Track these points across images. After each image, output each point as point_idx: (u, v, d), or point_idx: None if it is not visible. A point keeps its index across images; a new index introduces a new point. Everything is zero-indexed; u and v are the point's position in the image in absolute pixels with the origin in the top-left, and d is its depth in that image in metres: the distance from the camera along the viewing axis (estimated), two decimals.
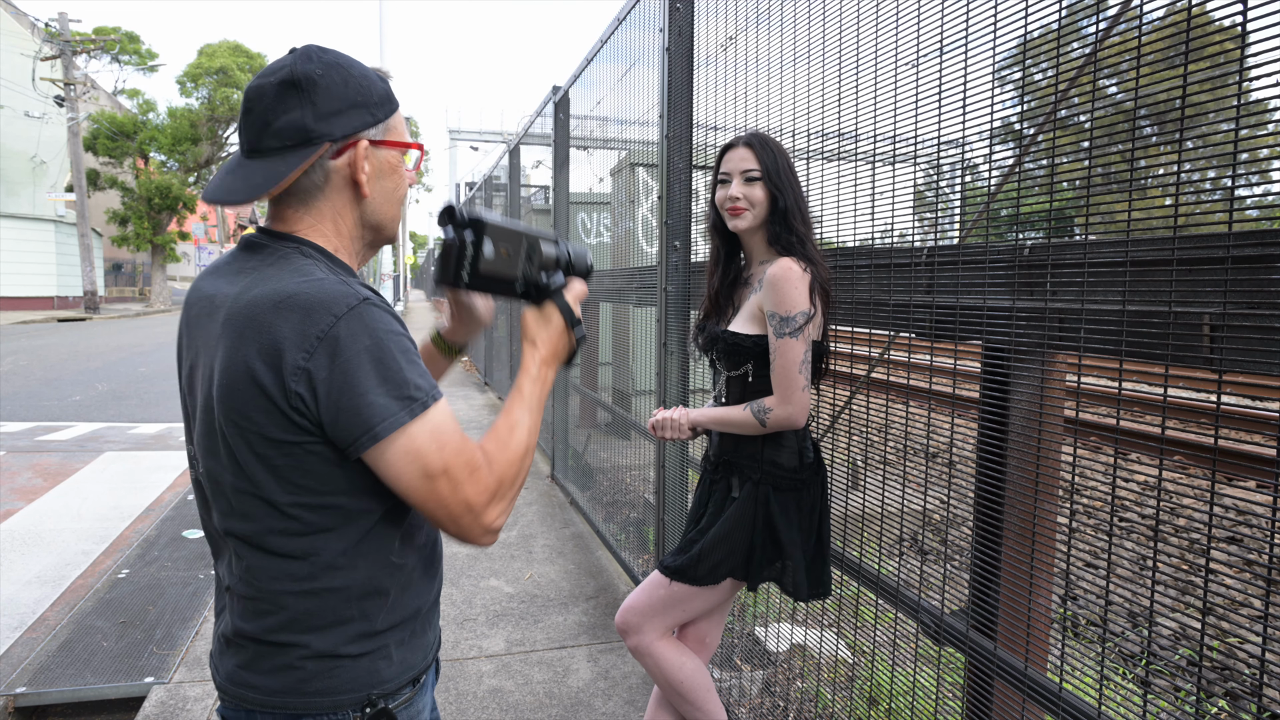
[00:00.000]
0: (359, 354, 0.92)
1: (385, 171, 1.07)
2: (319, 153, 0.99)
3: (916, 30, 1.58)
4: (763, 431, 1.75)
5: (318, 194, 1.03)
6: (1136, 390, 5.79)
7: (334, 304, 0.92)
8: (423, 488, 0.96)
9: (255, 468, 0.96)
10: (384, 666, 1.04)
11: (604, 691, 2.80)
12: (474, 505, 0.99)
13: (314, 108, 0.98)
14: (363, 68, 1.05)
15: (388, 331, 0.95)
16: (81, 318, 24.27)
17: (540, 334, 1.17)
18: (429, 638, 1.13)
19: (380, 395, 0.93)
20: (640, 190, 4.23)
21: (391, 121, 1.06)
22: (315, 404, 0.92)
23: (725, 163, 1.83)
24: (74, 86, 25.51)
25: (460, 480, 0.98)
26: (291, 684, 1.00)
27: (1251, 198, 1.14)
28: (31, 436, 7.22)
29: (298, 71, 0.98)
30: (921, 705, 1.78)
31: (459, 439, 0.99)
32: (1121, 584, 2.92)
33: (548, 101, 5.21)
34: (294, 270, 0.97)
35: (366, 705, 1.02)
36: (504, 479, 1.03)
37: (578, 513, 4.88)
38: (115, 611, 3.43)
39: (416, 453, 0.95)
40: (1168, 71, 1.13)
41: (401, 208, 1.13)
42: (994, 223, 1.53)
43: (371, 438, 0.93)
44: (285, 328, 0.91)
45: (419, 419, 0.95)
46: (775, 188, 1.76)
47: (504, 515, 1.04)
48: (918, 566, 1.80)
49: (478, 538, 1.02)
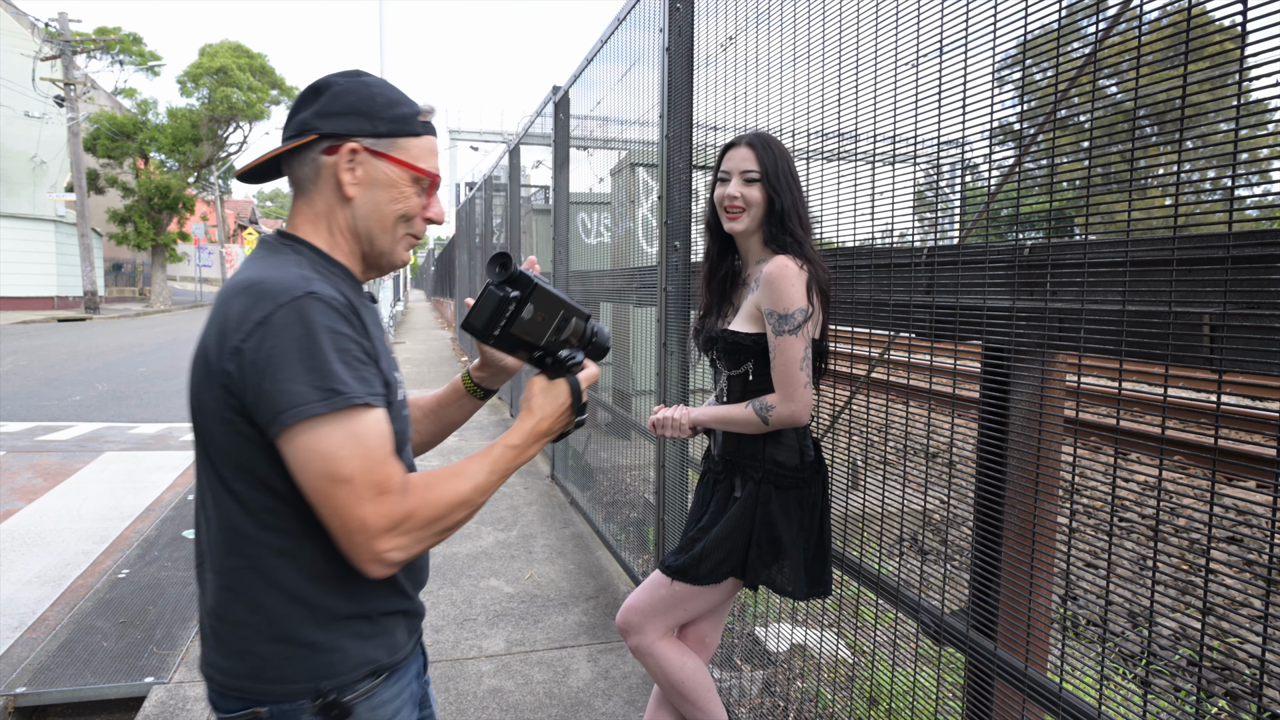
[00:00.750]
0: (289, 341, 0.94)
1: (379, 183, 1.08)
2: (303, 141, 1.06)
3: (916, 30, 1.58)
4: (765, 429, 1.75)
5: (312, 188, 1.09)
6: (1136, 390, 5.79)
7: (280, 293, 0.96)
8: (322, 489, 0.96)
9: (209, 444, 1.01)
10: (337, 660, 1.04)
11: (604, 691, 2.80)
12: (368, 527, 0.96)
13: (318, 108, 1.06)
14: (390, 92, 1.10)
15: (326, 327, 0.96)
16: (81, 318, 24.27)
17: (544, 406, 1.17)
18: (398, 638, 1.13)
19: (299, 383, 0.93)
20: (640, 190, 4.23)
21: (403, 142, 1.09)
22: (241, 384, 0.95)
23: (726, 161, 1.82)
24: (74, 86, 25.50)
25: (362, 495, 0.96)
26: (250, 669, 1.03)
27: (1251, 198, 1.14)
28: (31, 436, 7.22)
29: (326, 79, 1.08)
30: (921, 705, 1.78)
31: (380, 454, 0.98)
32: (1121, 584, 2.92)
33: (548, 101, 5.21)
34: (271, 261, 1.03)
35: (319, 696, 1.03)
36: (416, 516, 1.00)
37: (578, 513, 4.88)
38: (115, 611, 3.43)
39: (324, 451, 0.94)
40: (1168, 71, 1.13)
41: (401, 230, 1.12)
42: (994, 223, 1.53)
43: (280, 423, 0.94)
44: (235, 311, 0.97)
45: (336, 415, 0.94)
46: (773, 189, 1.76)
47: (402, 552, 0.99)
48: (918, 566, 1.80)
49: (364, 563, 0.98)
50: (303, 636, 1.03)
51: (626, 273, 3.84)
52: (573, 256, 5.24)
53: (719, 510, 1.85)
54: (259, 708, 1.03)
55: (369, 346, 1.02)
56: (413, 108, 1.11)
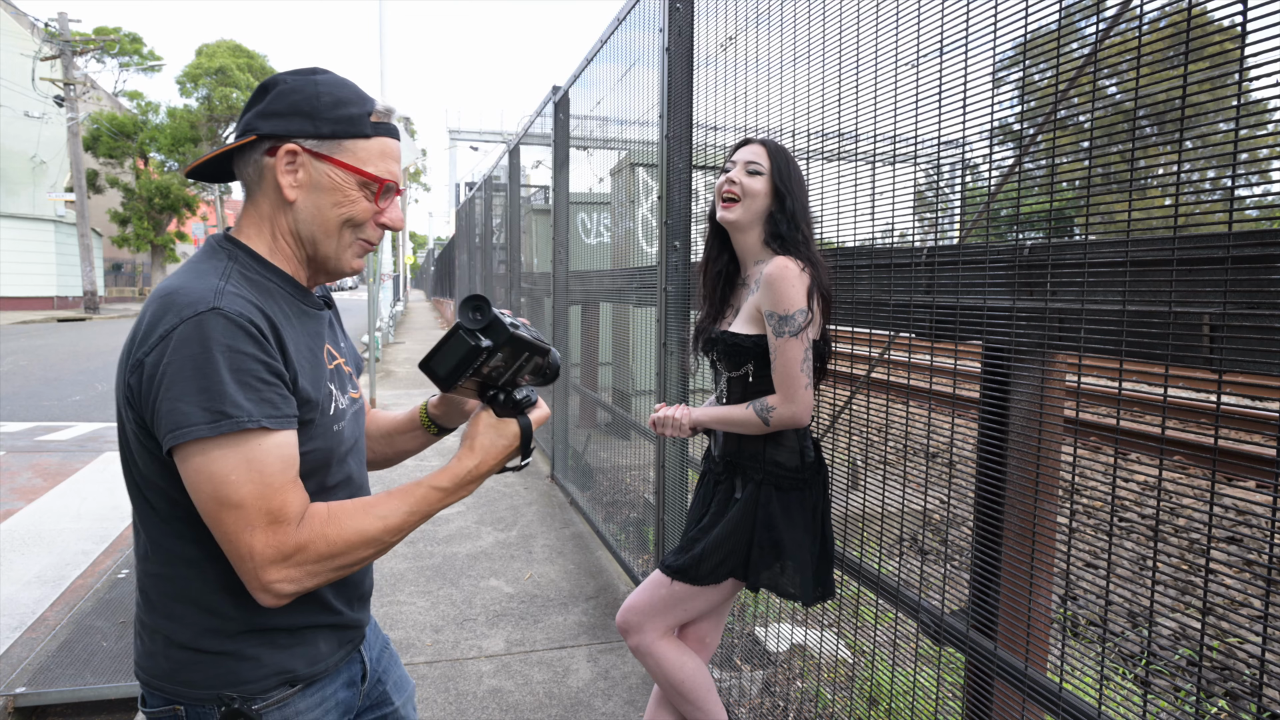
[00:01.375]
0: (185, 359, 0.91)
1: (321, 186, 1.04)
2: (242, 142, 1.03)
3: (916, 30, 1.58)
4: (766, 430, 1.75)
5: (256, 190, 1.06)
6: (1136, 390, 5.79)
7: (185, 306, 0.93)
8: (211, 511, 0.93)
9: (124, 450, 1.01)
10: (246, 668, 1.03)
11: (604, 691, 2.80)
12: (255, 555, 0.93)
13: (261, 106, 1.03)
14: (345, 93, 1.05)
15: (225, 345, 0.92)
16: (81, 318, 24.26)
17: (487, 444, 1.10)
18: (320, 649, 1.10)
19: (189, 404, 0.91)
20: (640, 190, 4.23)
21: (349, 144, 1.04)
22: (140, 398, 0.95)
23: (735, 154, 1.84)
24: (74, 86, 25.50)
25: (252, 523, 0.93)
26: (164, 670, 1.03)
27: (1251, 198, 1.14)
28: (31, 436, 7.22)
29: (275, 77, 1.05)
30: (921, 705, 1.78)
31: (278, 481, 0.94)
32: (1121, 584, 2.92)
33: (548, 101, 5.21)
34: (197, 269, 1.01)
35: (221, 704, 1.02)
36: (311, 550, 0.96)
37: (578, 513, 4.88)
38: (115, 611, 3.43)
39: (214, 474, 0.92)
40: (1167, 71, 1.13)
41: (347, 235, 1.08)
42: (994, 223, 1.53)
43: (169, 441, 0.92)
44: (145, 321, 0.95)
45: (226, 439, 0.91)
46: (785, 186, 1.77)
47: (293, 585, 0.96)
48: (918, 566, 1.80)
49: (252, 590, 0.96)
50: (211, 645, 1.02)
51: (626, 273, 3.84)
52: (572, 256, 5.24)
53: (719, 511, 1.85)
54: (177, 704, 1.04)
55: (277, 365, 0.97)
56: (364, 108, 1.06)
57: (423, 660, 3.00)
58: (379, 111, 1.08)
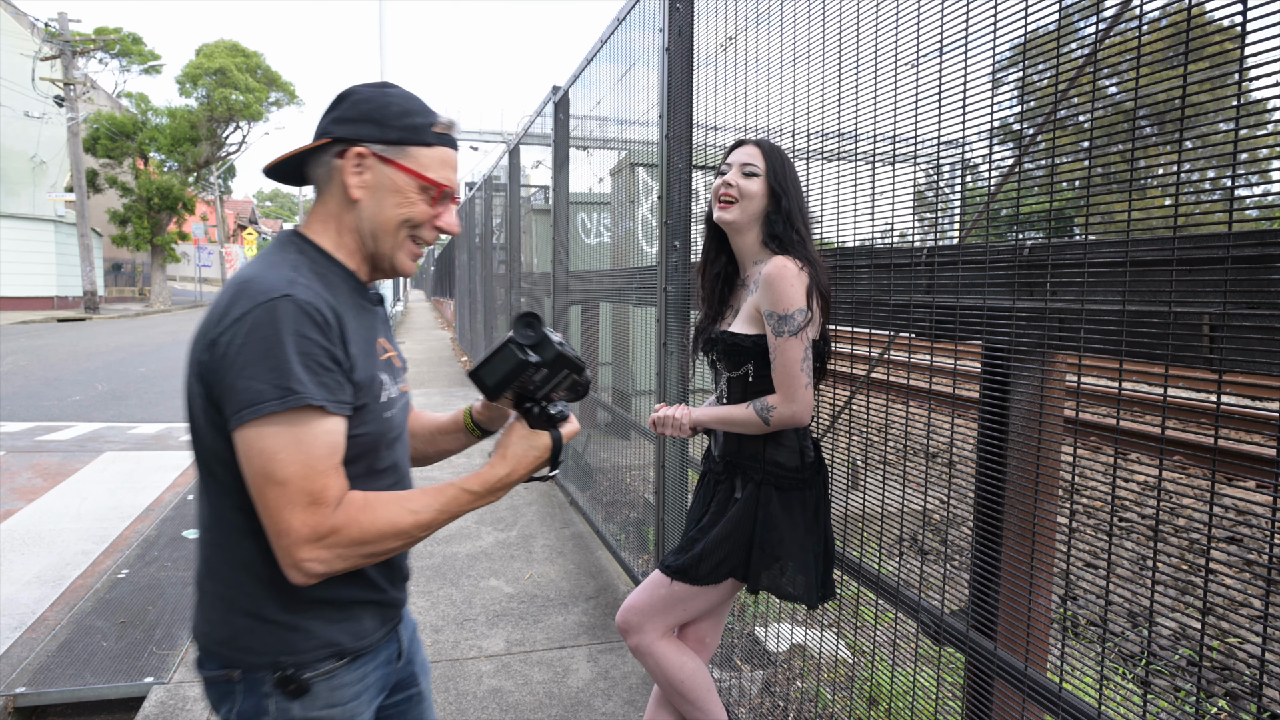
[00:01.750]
0: (258, 340, 0.98)
1: (385, 188, 1.12)
2: (317, 143, 1.12)
3: (916, 30, 1.58)
4: (766, 430, 1.75)
5: (324, 189, 1.14)
6: (1136, 390, 5.79)
7: (260, 293, 1.00)
8: (258, 485, 0.99)
9: (192, 421, 1.07)
10: (299, 639, 1.10)
11: (604, 691, 2.80)
12: (291, 532, 0.99)
13: (337, 113, 1.12)
14: (408, 102, 1.14)
15: (294, 330, 0.99)
16: (81, 318, 24.26)
17: (519, 454, 1.16)
18: (366, 625, 1.17)
19: (261, 381, 0.97)
20: (640, 190, 4.23)
21: (413, 150, 1.12)
22: (212, 374, 1.01)
23: (730, 156, 1.84)
24: (74, 87, 25.49)
25: (293, 501, 0.99)
26: (222, 636, 1.10)
27: (1251, 198, 1.14)
28: (31, 436, 7.22)
29: (352, 87, 1.15)
30: (921, 705, 1.78)
31: (323, 464, 1.00)
32: (1121, 584, 2.92)
33: (548, 101, 5.21)
34: (270, 260, 1.08)
35: (276, 669, 1.09)
36: (344, 534, 1.02)
37: (578, 513, 4.88)
38: (115, 611, 3.43)
39: (265, 450, 0.98)
40: (1167, 71, 1.13)
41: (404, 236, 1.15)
42: (994, 223, 1.53)
43: (239, 418, 0.98)
44: (220, 304, 1.02)
45: (287, 415, 0.98)
46: (780, 187, 1.76)
47: (323, 565, 1.01)
48: (918, 566, 1.80)
49: (284, 566, 1.02)
50: (268, 614, 1.08)
51: (626, 273, 3.84)
52: (573, 256, 5.24)
53: (719, 511, 1.85)
54: (233, 670, 1.10)
55: (338, 354, 1.04)
56: (428, 119, 1.14)
57: None
58: (442, 124, 1.16)
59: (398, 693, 1.31)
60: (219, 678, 1.11)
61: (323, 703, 1.11)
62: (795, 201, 1.77)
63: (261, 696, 1.09)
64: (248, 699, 1.10)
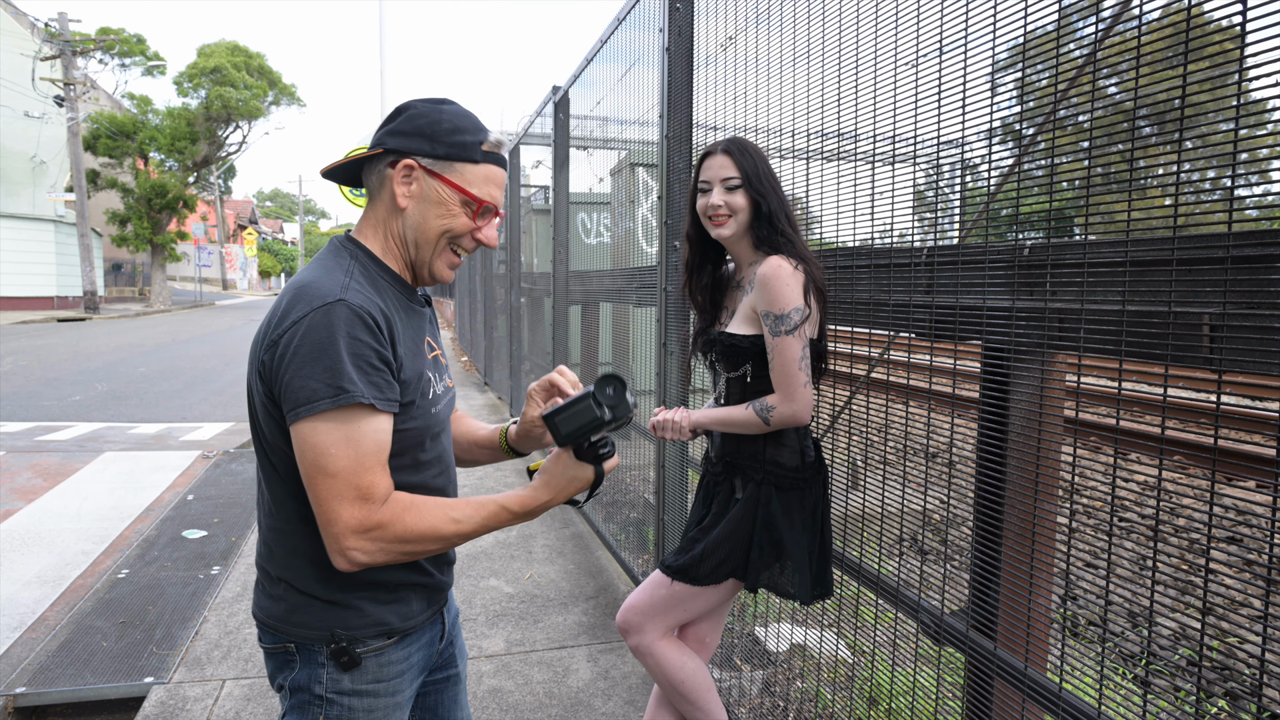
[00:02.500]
0: (315, 342, 1.05)
1: (430, 199, 1.18)
2: (372, 152, 1.19)
3: (916, 30, 1.58)
4: (766, 430, 1.75)
5: (376, 197, 1.21)
6: (1136, 390, 5.79)
7: (317, 297, 1.07)
8: (310, 477, 1.07)
9: (254, 415, 1.15)
10: (351, 616, 1.18)
11: (604, 691, 2.80)
12: (339, 522, 1.07)
13: (393, 126, 1.19)
14: (461, 120, 1.19)
15: (348, 334, 1.06)
16: (81, 318, 24.26)
17: (562, 484, 1.22)
18: (413, 606, 1.25)
19: (316, 380, 1.04)
20: (640, 190, 4.22)
21: (460, 166, 1.18)
22: (271, 373, 1.08)
23: (704, 170, 1.82)
24: (73, 86, 25.49)
25: (343, 494, 1.06)
26: (282, 611, 1.19)
27: (1251, 198, 1.14)
28: (31, 436, 7.22)
29: (410, 101, 1.21)
30: (921, 705, 1.78)
31: (371, 461, 1.08)
32: (1121, 584, 2.92)
33: (548, 101, 5.21)
34: (325, 265, 1.15)
35: (331, 641, 1.17)
36: (387, 530, 1.09)
37: (578, 513, 4.88)
38: (115, 611, 3.43)
39: (318, 445, 1.05)
40: (1167, 71, 1.13)
41: (444, 246, 1.21)
42: (994, 223, 1.53)
43: (296, 415, 1.05)
44: (281, 306, 1.09)
45: (340, 412, 1.05)
46: (757, 193, 1.76)
47: (366, 556, 1.08)
48: (918, 566, 1.80)
49: (331, 553, 1.09)
50: (322, 594, 1.17)
51: (626, 273, 3.84)
52: (573, 256, 5.24)
53: (720, 511, 1.85)
54: (289, 643, 1.19)
55: (387, 354, 1.10)
56: (478, 137, 1.19)
57: None
58: (491, 142, 1.21)
59: (437, 672, 1.38)
60: (277, 649, 1.21)
61: (370, 677, 1.20)
62: (774, 202, 1.76)
63: (316, 666, 1.18)
64: (304, 669, 1.19)
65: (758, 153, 1.80)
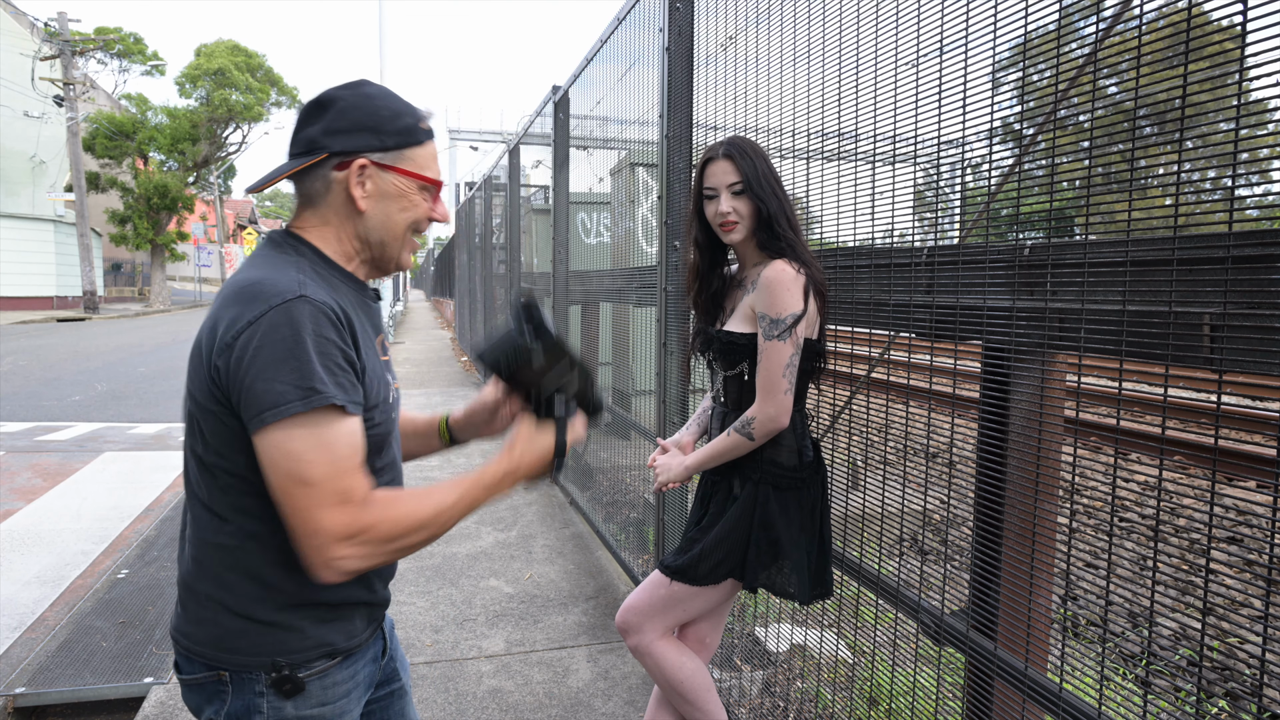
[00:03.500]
0: (276, 341, 0.98)
1: (389, 195, 1.12)
2: (314, 160, 1.09)
3: (916, 30, 1.58)
4: (756, 445, 1.75)
5: (321, 201, 1.13)
6: (1137, 390, 5.79)
7: (273, 295, 1.00)
8: (286, 488, 0.99)
9: (194, 426, 1.06)
10: (293, 639, 1.10)
11: (604, 692, 2.80)
12: (324, 532, 0.99)
13: (324, 124, 1.09)
14: (392, 102, 1.13)
15: (313, 331, 0.99)
16: (81, 318, 24.26)
17: (526, 452, 1.19)
18: (356, 625, 1.18)
19: (282, 383, 0.97)
20: (640, 190, 4.22)
21: (410, 153, 1.12)
22: (228, 379, 0.99)
23: (708, 177, 1.81)
24: (73, 86, 25.48)
25: (322, 501, 0.98)
26: (212, 637, 1.09)
27: (1252, 197, 1.14)
28: (31, 436, 7.22)
29: (326, 94, 1.11)
30: (922, 705, 1.78)
31: (348, 464, 1.01)
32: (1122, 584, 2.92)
33: (547, 101, 5.21)
34: (272, 262, 1.07)
35: (273, 670, 1.09)
36: (375, 530, 1.02)
37: (578, 513, 4.88)
38: (115, 612, 3.43)
39: (291, 452, 0.98)
40: (1167, 71, 1.13)
41: (409, 236, 1.17)
42: (994, 223, 1.53)
43: (261, 420, 0.98)
44: (231, 308, 1.01)
45: (312, 415, 0.98)
46: (758, 198, 1.75)
47: (356, 563, 1.01)
48: (918, 567, 1.80)
49: (315, 567, 1.01)
50: (261, 615, 1.08)
51: (626, 273, 3.84)
52: (572, 256, 5.24)
53: (718, 511, 1.85)
54: (222, 670, 1.09)
55: (351, 355, 1.04)
56: (415, 116, 1.14)
57: (422, 660, 3.00)
58: (424, 117, 1.16)
59: (382, 688, 1.33)
60: (205, 679, 1.10)
61: (315, 701, 1.12)
62: (775, 205, 1.75)
63: (254, 695, 1.09)
64: (237, 699, 1.09)
65: (757, 153, 1.79)
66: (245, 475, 1.04)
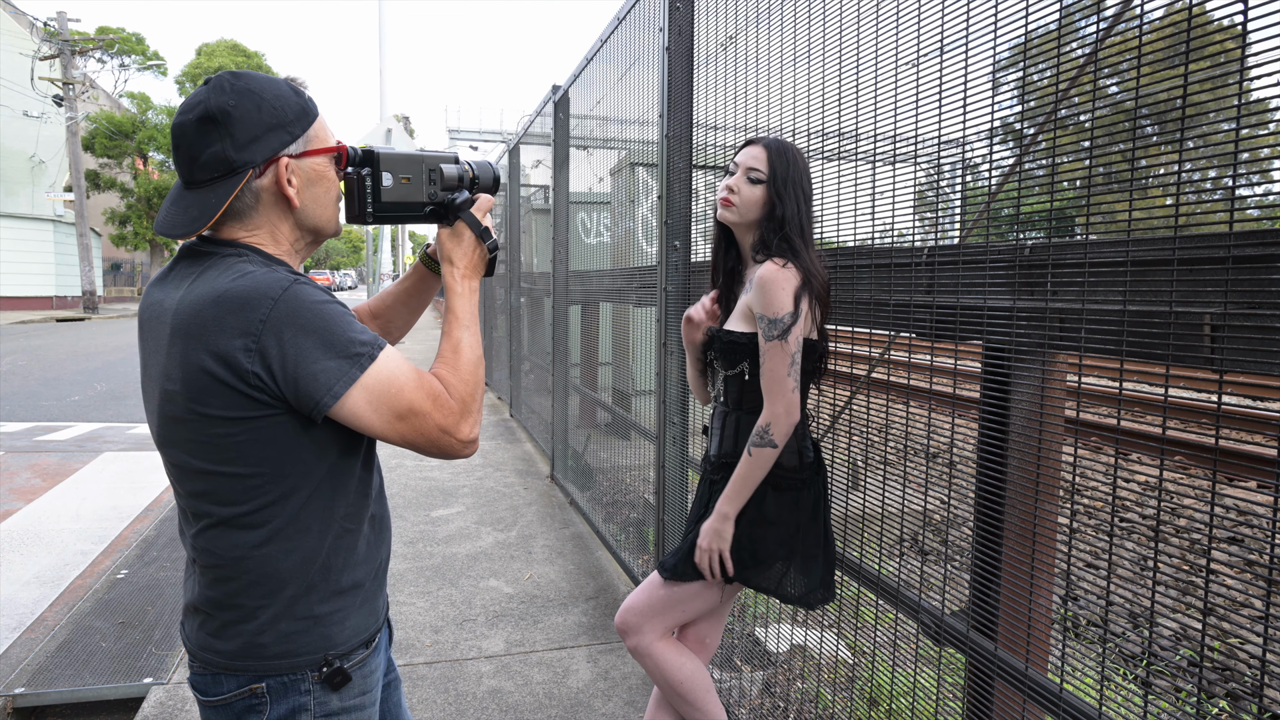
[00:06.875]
0: (301, 328, 1.01)
1: (314, 179, 1.15)
2: (244, 180, 1.08)
3: (916, 30, 1.58)
4: (779, 450, 1.70)
5: (251, 212, 1.12)
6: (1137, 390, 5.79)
7: (268, 290, 1.01)
8: (397, 427, 1.08)
9: (217, 446, 1.04)
10: (337, 631, 1.13)
11: (604, 692, 2.80)
12: (447, 428, 1.11)
13: (232, 139, 1.06)
14: (276, 87, 1.12)
15: (320, 303, 1.04)
16: (80, 318, 24.25)
17: (455, 251, 1.25)
18: (379, 602, 1.23)
19: (329, 359, 1.02)
20: (640, 190, 4.22)
21: (311, 132, 1.13)
22: (274, 380, 1.01)
23: (740, 155, 1.82)
24: (73, 86, 25.48)
25: (428, 411, 1.09)
26: (252, 648, 1.09)
27: (1252, 197, 1.14)
28: (30, 436, 7.22)
29: (212, 106, 1.05)
30: (922, 706, 1.78)
31: (414, 378, 1.10)
32: (1122, 584, 2.92)
33: (547, 101, 5.21)
34: (228, 271, 1.05)
35: (324, 665, 1.12)
36: (465, 397, 1.14)
37: (577, 513, 4.88)
38: (114, 612, 3.43)
39: (378, 401, 1.05)
40: (1168, 71, 1.13)
41: (337, 206, 1.21)
42: (994, 223, 1.53)
43: (332, 397, 1.03)
44: (230, 322, 1.00)
45: (370, 371, 1.05)
46: (776, 195, 1.74)
47: (476, 425, 1.15)
48: (918, 567, 1.79)
49: (459, 451, 1.13)
50: (304, 611, 1.10)
51: (626, 273, 3.84)
52: (572, 256, 5.24)
53: None
54: (257, 684, 1.09)
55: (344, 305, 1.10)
56: (303, 95, 1.15)
57: (422, 661, 3.00)
58: (302, 88, 1.17)
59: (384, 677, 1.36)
60: (236, 697, 1.09)
61: (357, 690, 1.17)
62: (793, 209, 1.73)
63: (299, 696, 1.11)
64: (279, 705, 1.10)
65: (796, 161, 1.77)
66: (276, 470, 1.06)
